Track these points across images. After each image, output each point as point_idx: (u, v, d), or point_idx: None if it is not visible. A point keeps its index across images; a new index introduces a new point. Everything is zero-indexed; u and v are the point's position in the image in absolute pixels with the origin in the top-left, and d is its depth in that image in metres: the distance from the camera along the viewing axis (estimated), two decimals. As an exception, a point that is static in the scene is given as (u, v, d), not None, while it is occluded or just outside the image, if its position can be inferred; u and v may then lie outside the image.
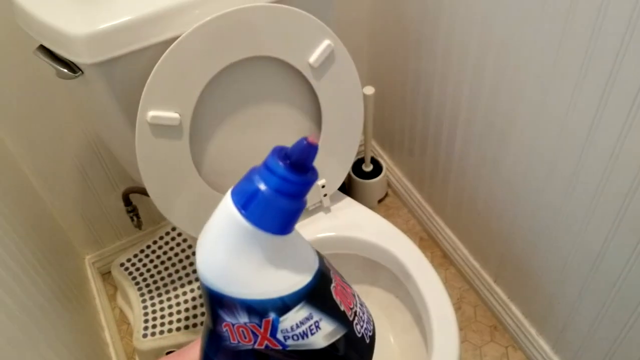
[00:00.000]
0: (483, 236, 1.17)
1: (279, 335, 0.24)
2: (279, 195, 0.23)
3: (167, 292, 1.19)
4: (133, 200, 1.21)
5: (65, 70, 0.72)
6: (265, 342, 0.24)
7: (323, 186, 0.96)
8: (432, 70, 1.10)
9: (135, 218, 1.22)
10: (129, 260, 1.27)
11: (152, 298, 1.19)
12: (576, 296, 0.94)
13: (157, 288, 1.20)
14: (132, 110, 0.74)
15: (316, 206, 1.00)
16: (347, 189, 1.48)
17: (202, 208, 0.85)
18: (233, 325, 0.24)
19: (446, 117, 1.12)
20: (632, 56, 0.67)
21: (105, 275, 1.39)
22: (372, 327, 0.28)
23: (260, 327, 0.24)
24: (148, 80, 0.71)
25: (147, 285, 1.21)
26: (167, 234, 1.30)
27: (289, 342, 0.24)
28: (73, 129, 1.11)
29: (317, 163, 0.23)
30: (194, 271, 1.22)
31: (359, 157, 1.46)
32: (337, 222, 0.98)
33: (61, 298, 1.02)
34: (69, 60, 0.71)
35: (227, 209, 0.24)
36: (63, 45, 0.69)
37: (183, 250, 1.26)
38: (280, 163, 0.23)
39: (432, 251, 1.37)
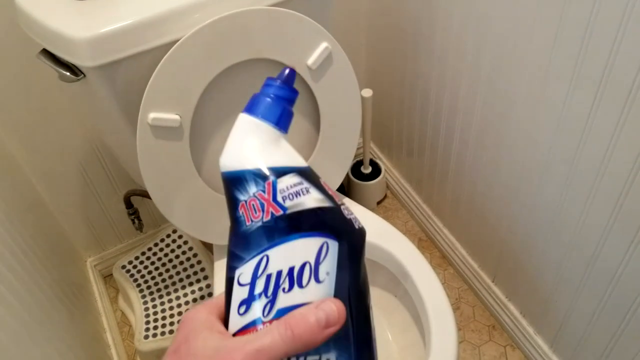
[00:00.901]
0: (481, 236, 1.18)
1: (279, 198, 0.30)
2: (274, 97, 0.32)
3: (168, 293, 1.20)
4: (134, 203, 1.22)
5: (68, 74, 0.73)
6: (270, 209, 0.30)
7: (322, 187, 0.97)
8: (429, 72, 1.12)
9: (136, 220, 1.23)
10: (130, 262, 1.28)
11: (153, 300, 1.20)
12: (573, 294, 0.95)
13: (158, 290, 1.21)
14: (134, 112, 0.75)
15: (315, 207, 1.00)
16: (346, 190, 1.49)
17: (203, 209, 0.86)
18: (246, 202, 0.30)
19: (443, 118, 1.14)
20: (626, 51, 0.68)
21: (107, 277, 1.40)
22: (361, 223, 0.33)
23: (264, 192, 0.30)
24: (149, 83, 0.72)
25: (149, 287, 1.22)
26: (168, 236, 1.31)
27: (287, 202, 0.30)
28: (75, 133, 1.12)
29: (316, 164, 0.27)
30: (195, 273, 1.23)
31: (358, 159, 1.47)
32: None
33: (64, 300, 1.03)
34: (72, 64, 0.72)
35: (238, 119, 0.32)
36: (65, 49, 0.71)
37: (184, 253, 1.27)
38: (274, 82, 0.32)
39: (431, 252, 1.38)
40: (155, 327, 1.15)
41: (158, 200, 0.83)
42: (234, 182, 0.31)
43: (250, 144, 0.31)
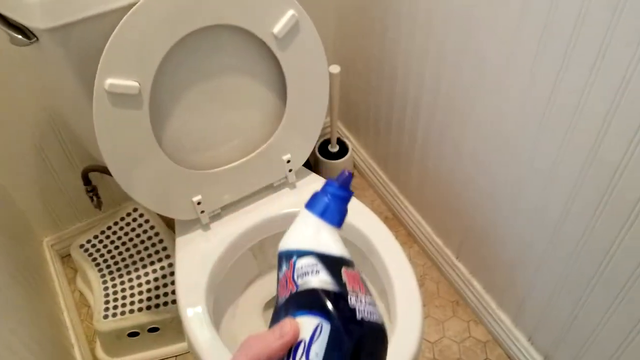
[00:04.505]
0: (446, 214, 1.19)
1: (295, 276, 0.33)
2: (333, 198, 0.37)
3: (128, 272, 1.17)
4: (93, 180, 1.18)
5: (20, 37, 0.69)
6: (290, 287, 0.33)
7: (288, 161, 0.95)
8: (396, 51, 1.11)
9: (95, 198, 1.19)
10: (88, 241, 1.24)
11: (112, 279, 1.16)
12: (534, 268, 0.96)
13: (118, 269, 1.18)
14: (90, 80, 0.71)
15: (281, 182, 0.99)
16: (312, 169, 1.47)
17: (164, 182, 0.83)
18: (279, 280, 0.35)
19: (410, 98, 1.13)
20: (590, 24, 0.68)
21: (65, 258, 1.35)
22: (373, 317, 0.33)
23: (288, 269, 0.34)
24: (106, 47, 0.69)
25: (108, 267, 1.19)
26: (129, 214, 1.28)
27: (299, 281, 0.33)
28: (30, 106, 1.07)
29: (283, 138, 0.28)
30: (156, 252, 1.20)
31: (325, 137, 1.46)
32: (302, 198, 0.96)
33: (21, 281, 0.99)
34: (23, 26, 0.68)
35: (302, 213, 0.37)
36: (16, 9, 0.67)
37: (145, 231, 1.24)
38: (333, 183, 0.37)
39: (397, 230, 1.38)
40: (115, 307, 1.12)
41: (117, 173, 0.80)
42: (279, 260, 0.35)
43: (299, 231, 0.36)
